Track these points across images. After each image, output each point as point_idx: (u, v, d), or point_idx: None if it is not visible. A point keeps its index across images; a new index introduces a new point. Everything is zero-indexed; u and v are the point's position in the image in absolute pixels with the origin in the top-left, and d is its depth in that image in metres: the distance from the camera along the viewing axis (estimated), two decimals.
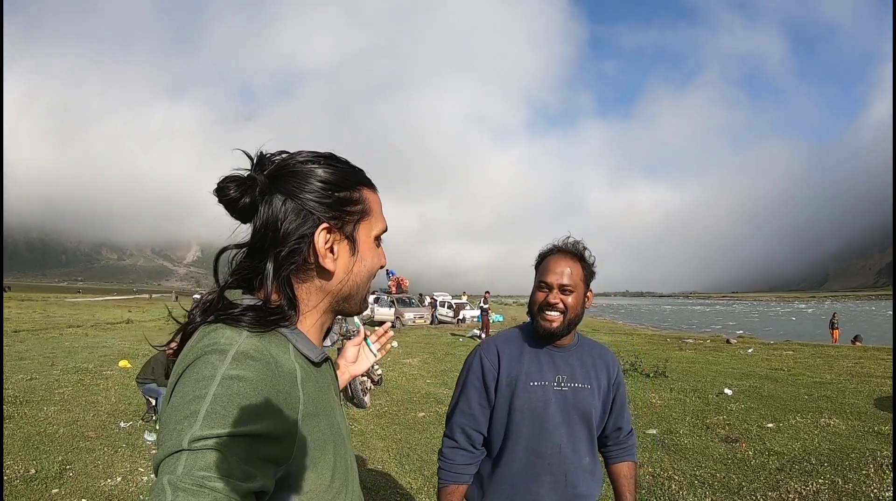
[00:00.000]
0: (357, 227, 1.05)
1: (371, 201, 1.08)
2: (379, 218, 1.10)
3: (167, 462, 0.76)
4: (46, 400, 8.44)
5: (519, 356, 2.05)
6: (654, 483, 5.31)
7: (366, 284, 1.09)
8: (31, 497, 4.81)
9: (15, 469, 5.36)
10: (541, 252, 2.10)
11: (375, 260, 1.09)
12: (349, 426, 1.17)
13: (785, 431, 7.03)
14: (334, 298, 1.06)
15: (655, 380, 11.09)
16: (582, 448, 2.05)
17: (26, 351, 14.20)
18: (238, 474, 0.76)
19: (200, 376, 0.83)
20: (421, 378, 11.60)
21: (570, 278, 1.98)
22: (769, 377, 11.34)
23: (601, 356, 2.14)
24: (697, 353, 16.32)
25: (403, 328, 26.60)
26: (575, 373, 2.04)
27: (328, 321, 1.10)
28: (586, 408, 2.03)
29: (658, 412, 8.25)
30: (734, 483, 5.26)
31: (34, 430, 6.76)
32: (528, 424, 2.00)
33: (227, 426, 0.78)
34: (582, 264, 2.03)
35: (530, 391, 2.00)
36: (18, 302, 44.16)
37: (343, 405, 1.21)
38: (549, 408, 1.99)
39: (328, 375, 1.10)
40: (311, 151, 1.05)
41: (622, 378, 2.19)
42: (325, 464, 0.96)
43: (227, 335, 0.89)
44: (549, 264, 2.02)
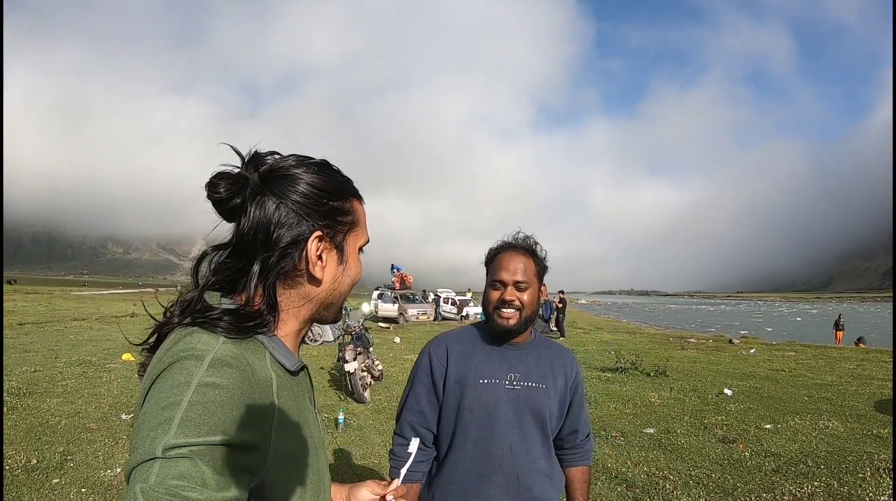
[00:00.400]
0: (346, 237, 1.06)
1: (359, 213, 1.09)
2: (364, 230, 1.11)
3: (140, 469, 0.75)
4: (49, 392, 8.49)
5: (470, 354, 2.02)
6: (649, 482, 5.33)
7: (347, 293, 1.10)
8: (31, 486, 4.85)
9: (17, 460, 5.41)
10: (491, 249, 2.08)
11: (358, 271, 1.10)
12: (322, 434, 1.16)
13: (783, 432, 7.04)
14: (316, 306, 1.05)
15: (656, 379, 11.10)
16: (536, 449, 1.99)
17: (31, 344, 14.26)
18: (212, 484, 0.75)
19: (175, 382, 0.81)
20: None
21: (524, 274, 1.96)
22: (770, 378, 11.35)
23: (559, 357, 2.09)
24: (699, 353, 16.33)
25: (407, 324, 26.63)
26: (529, 372, 2.00)
27: (306, 329, 1.09)
28: (540, 408, 1.97)
29: (657, 412, 8.27)
30: (729, 484, 5.28)
31: (36, 421, 6.81)
32: (477, 423, 1.96)
33: (202, 434, 0.76)
34: (534, 259, 2.01)
35: (480, 389, 1.96)
36: (24, 295, 44.30)
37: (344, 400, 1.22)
38: (499, 406, 1.95)
39: (304, 384, 1.08)
40: (304, 156, 1.04)
41: (581, 380, 2.14)
42: (298, 474, 0.95)
43: (203, 340, 0.88)
44: (501, 262, 1.99)
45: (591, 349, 17.28)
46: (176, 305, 0.99)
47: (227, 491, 0.76)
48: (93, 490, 4.84)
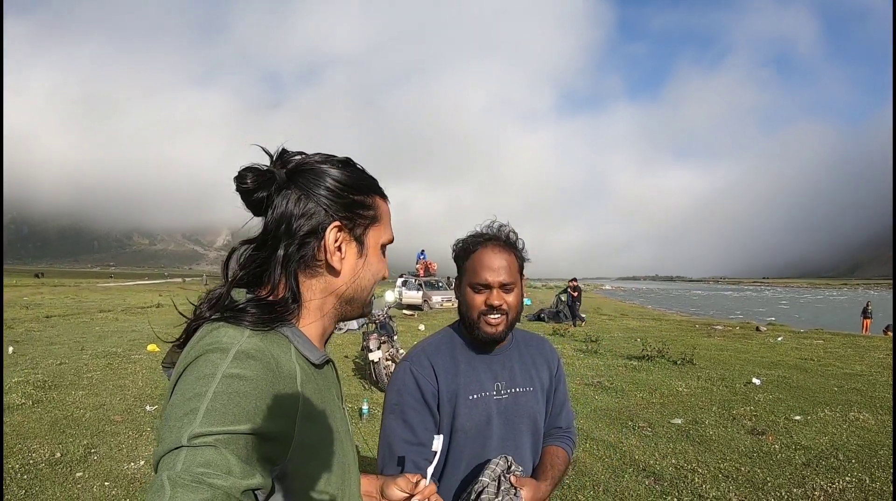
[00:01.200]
0: (367, 231, 1.07)
1: (382, 210, 1.11)
2: (387, 228, 1.12)
3: (167, 458, 0.76)
4: (75, 385, 8.58)
5: (454, 367, 1.78)
6: (678, 475, 5.23)
7: (369, 288, 1.10)
8: (55, 480, 4.88)
9: (41, 453, 5.45)
10: (464, 243, 1.79)
11: (380, 267, 1.11)
12: (349, 427, 1.15)
13: (813, 424, 6.90)
14: (338, 299, 1.07)
15: (682, 368, 10.99)
16: (526, 456, 1.81)
17: (57, 336, 14.45)
18: (237, 471, 0.77)
19: (201, 373, 0.83)
20: None
21: (508, 273, 1.72)
22: (798, 367, 11.16)
23: (540, 351, 1.92)
24: (726, 340, 16.14)
25: (431, 312, 26.68)
26: (514, 376, 1.82)
27: (331, 325, 1.10)
28: (531, 413, 1.82)
29: (684, 401, 8.16)
30: (759, 478, 5.16)
31: (61, 414, 6.87)
32: (470, 443, 1.75)
33: (226, 423, 0.78)
34: (516, 254, 1.77)
35: (471, 406, 1.75)
36: (51, 288, 44.99)
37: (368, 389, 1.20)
38: (491, 423, 1.76)
39: (329, 377, 1.09)
40: (328, 155, 1.07)
41: (563, 372, 1.98)
42: (321, 466, 0.96)
43: (229, 334, 0.90)
44: (483, 259, 1.73)
45: (617, 336, 17.15)
46: (205, 301, 1.02)
47: (252, 479, 0.79)
48: (116, 484, 4.86)
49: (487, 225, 1.80)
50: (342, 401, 1.16)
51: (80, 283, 62.15)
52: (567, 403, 1.99)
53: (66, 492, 4.66)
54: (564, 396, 1.97)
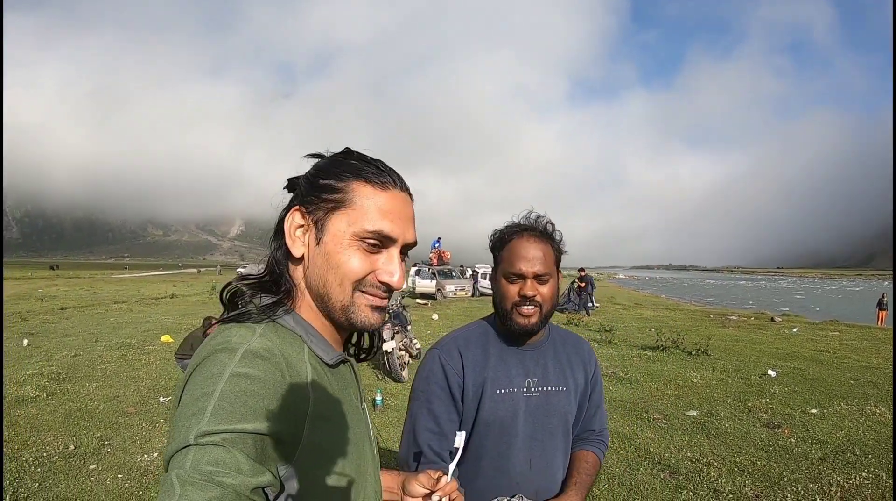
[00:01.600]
0: (329, 216, 0.97)
1: (358, 194, 0.97)
2: (368, 216, 0.97)
3: (176, 457, 0.76)
4: (89, 376, 8.62)
5: (484, 360, 1.75)
6: (693, 468, 5.19)
7: (333, 282, 0.97)
8: (68, 473, 4.90)
9: (54, 446, 5.47)
10: (502, 233, 1.76)
11: (345, 259, 0.96)
12: (373, 431, 1.15)
13: (829, 418, 6.83)
14: (312, 294, 1.00)
15: (697, 358, 10.92)
16: (557, 461, 1.76)
17: (71, 328, 14.55)
18: (246, 469, 0.76)
19: (209, 373, 0.83)
20: None
21: (544, 264, 1.67)
22: (814, 359, 11.08)
23: (577, 351, 1.85)
24: (741, 331, 16.06)
25: (445, 301, 26.73)
26: (548, 374, 1.76)
27: (334, 327, 1.03)
28: (562, 414, 1.76)
29: (699, 393, 8.11)
30: (775, 473, 5.10)
31: (75, 406, 6.91)
32: (493, 438, 1.71)
33: (234, 422, 0.78)
34: (553, 245, 1.72)
35: (497, 400, 1.71)
36: (66, 280, 45.41)
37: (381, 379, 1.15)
38: (517, 420, 1.71)
39: (346, 378, 1.07)
40: (346, 149, 1.04)
41: (599, 375, 1.90)
42: (333, 468, 0.94)
43: (239, 334, 0.90)
44: (518, 250, 1.69)
45: (631, 326, 17.10)
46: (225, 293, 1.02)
47: (262, 477, 0.78)
48: (129, 476, 4.87)
49: (524, 216, 1.75)
50: (361, 401, 1.13)
51: (94, 274, 62.72)
52: (602, 406, 1.92)
53: (80, 485, 4.67)
54: (600, 399, 1.89)
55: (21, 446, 5.46)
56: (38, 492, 4.52)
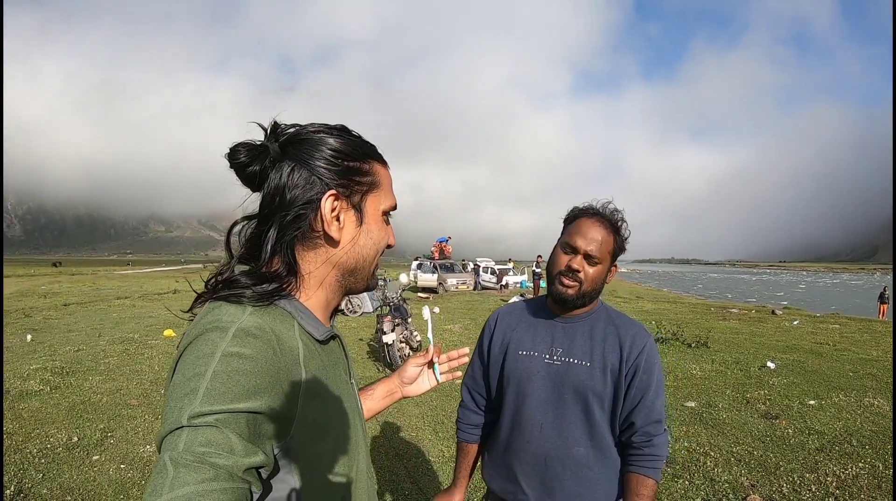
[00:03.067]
0: (365, 198, 1.04)
1: (381, 175, 1.07)
2: (388, 193, 1.09)
3: (168, 439, 0.77)
4: (92, 370, 8.67)
5: (515, 324, 1.95)
6: (690, 458, 5.23)
7: (372, 258, 1.07)
8: (72, 463, 4.95)
9: (58, 438, 5.52)
10: (575, 208, 1.89)
11: (382, 235, 1.08)
12: (360, 405, 1.17)
13: (827, 409, 6.86)
14: (340, 271, 1.05)
15: (697, 350, 10.96)
16: (572, 434, 1.80)
17: (75, 323, 14.61)
18: (239, 450, 0.77)
19: (201, 353, 0.83)
20: (461, 345, 11.53)
21: (598, 247, 1.77)
22: (814, 352, 11.11)
23: (619, 332, 1.85)
24: (742, 323, 16.09)
25: (446, 294, 26.76)
26: (573, 347, 1.83)
27: (335, 299, 1.09)
28: (580, 387, 1.79)
29: (698, 384, 8.14)
30: (771, 463, 5.15)
31: (78, 399, 6.96)
32: (512, 395, 1.88)
33: (226, 402, 0.78)
34: (615, 236, 1.82)
35: (517, 360, 1.87)
36: (69, 276, 45.48)
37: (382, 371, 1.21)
38: (533, 381, 1.83)
39: (335, 353, 1.09)
40: (323, 123, 1.04)
41: (649, 363, 1.83)
42: (327, 444, 0.95)
43: (229, 312, 0.89)
44: (580, 226, 1.81)
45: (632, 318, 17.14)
46: (213, 277, 1.03)
47: (255, 457, 0.79)
48: (132, 466, 4.92)
49: (603, 203, 1.86)
50: (350, 376, 1.15)
51: (97, 271, 62.81)
52: (648, 399, 1.81)
53: (83, 475, 4.72)
54: (644, 390, 1.81)
55: (25, 438, 5.51)
56: (42, 482, 4.57)
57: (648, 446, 1.79)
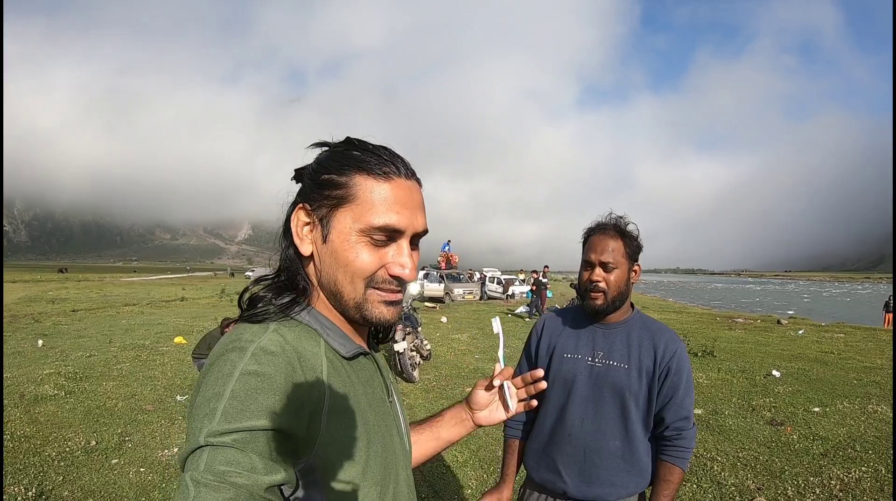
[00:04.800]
0: (334, 212, 0.95)
1: (361, 188, 0.94)
2: (371, 210, 0.94)
3: (190, 459, 0.77)
4: (105, 376, 8.78)
5: (561, 330, 2.16)
6: (697, 463, 5.31)
7: (343, 280, 0.96)
8: (91, 467, 5.05)
9: (76, 442, 5.63)
10: (587, 230, 2.11)
11: (352, 255, 0.95)
12: (405, 425, 1.18)
13: (831, 416, 6.93)
14: (325, 292, 1.00)
15: (703, 359, 11.02)
16: (609, 428, 2.00)
17: (84, 330, 14.74)
18: (260, 468, 0.76)
19: (220, 373, 0.83)
20: (469, 354, 11.68)
21: (611, 255, 1.98)
22: (819, 360, 11.15)
23: (653, 337, 2.04)
24: (747, 333, 16.10)
25: (453, 304, 26.76)
26: (612, 351, 2.03)
27: (355, 318, 1.01)
28: (617, 387, 1.99)
29: (704, 393, 8.20)
30: (776, 467, 5.23)
31: (94, 404, 7.07)
32: (558, 393, 2.08)
33: (244, 420, 0.78)
34: (624, 239, 2.02)
35: (562, 362, 2.09)
36: (76, 283, 45.65)
37: (393, 380, 1.17)
38: (577, 380, 2.04)
39: (367, 370, 1.06)
40: (347, 138, 1.02)
41: (679, 365, 2.00)
42: (354, 461, 0.93)
43: (251, 331, 0.90)
44: (591, 243, 2.04)
45: None
46: (243, 297, 1.02)
47: (276, 475, 0.78)
48: (151, 469, 5.02)
49: (606, 216, 2.08)
50: (389, 394, 1.12)
51: (103, 277, 62.95)
52: (678, 397, 1.99)
53: (103, 478, 4.83)
54: (674, 390, 1.98)
55: (43, 441, 5.63)
56: (62, 485, 4.68)
57: (678, 438, 2.01)
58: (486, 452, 5.46)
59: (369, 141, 1.01)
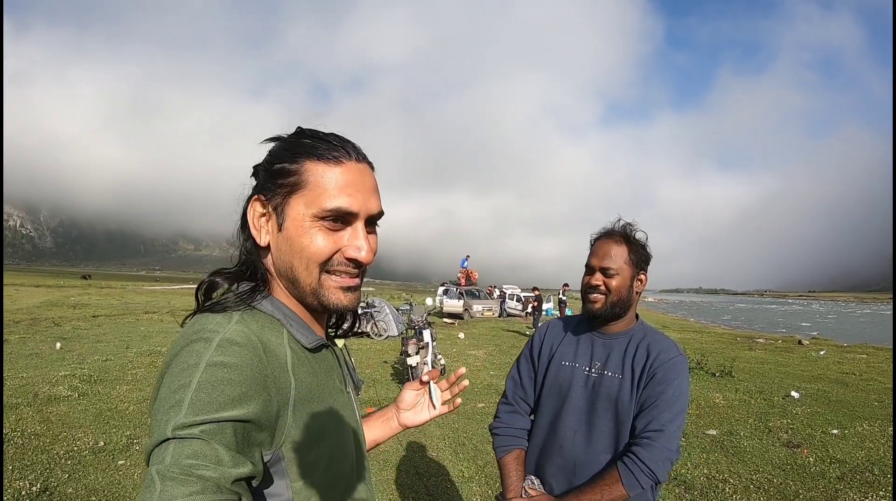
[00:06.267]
0: (287, 200, 0.96)
1: (312, 174, 0.95)
2: (322, 194, 0.95)
3: (156, 452, 0.76)
4: (119, 380, 8.84)
5: (561, 337, 2.13)
6: (709, 485, 5.20)
7: (299, 266, 0.97)
8: (98, 466, 5.09)
9: (85, 442, 5.67)
10: (591, 236, 2.10)
11: (305, 241, 0.95)
12: (359, 414, 1.17)
13: (850, 438, 6.77)
14: (283, 281, 1.01)
15: (721, 380, 10.84)
16: (601, 442, 1.92)
17: (103, 335, 14.89)
18: (227, 460, 0.76)
19: (185, 364, 0.82)
20: (484, 370, 11.62)
21: (612, 260, 1.95)
22: (839, 381, 10.94)
23: (649, 347, 1.95)
24: (767, 353, 15.87)
25: (471, 320, 26.74)
26: (609, 361, 1.97)
27: (313, 306, 1.02)
28: (612, 398, 1.91)
29: (720, 413, 8.07)
30: (790, 490, 5.10)
31: (105, 406, 7.12)
32: (552, 400, 2.05)
33: (211, 412, 0.77)
34: (629, 246, 1.98)
35: (559, 370, 2.05)
36: (98, 289, 46.16)
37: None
38: (573, 389, 1.99)
39: (328, 361, 1.07)
40: (298, 129, 1.03)
41: (668, 373, 1.87)
42: (320, 451, 0.94)
43: (215, 321, 0.90)
44: (594, 248, 2.02)
45: None
46: (200, 288, 1.03)
47: (243, 467, 0.78)
48: None
49: (614, 223, 2.05)
50: (346, 385, 1.13)
51: (126, 285, 63.68)
52: (656, 407, 1.83)
53: (108, 478, 4.84)
54: (655, 397, 1.85)
55: (52, 440, 5.67)
56: (67, 482, 4.71)
57: (640, 448, 1.80)
58: (492, 468, 5.38)
59: (320, 130, 1.02)
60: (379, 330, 16.72)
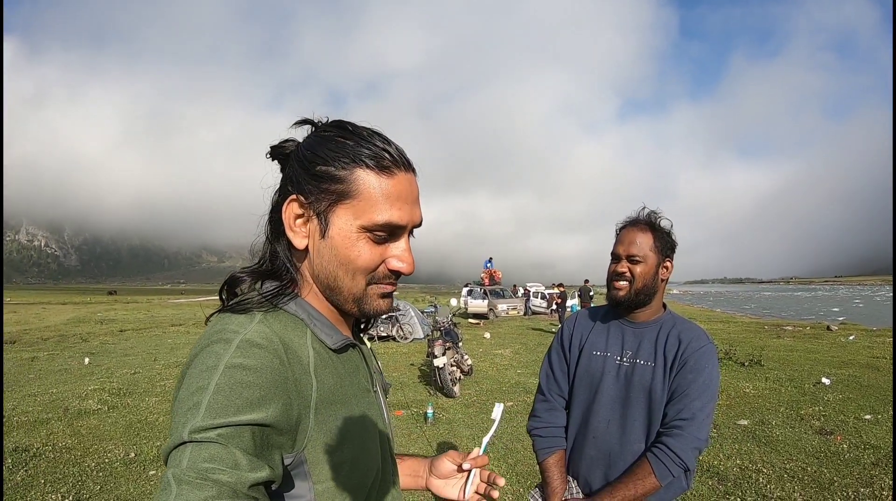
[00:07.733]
0: (333, 208, 0.92)
1: (363, 184, 0.91)
2: (374, 206, 0.91)
3: (173, 455, 0.75)
4: (148, 392, 8.92)
5: (590, 327, 2.12)
6: (742, 475, 5.14)
7: (344, 276, 0.94)
8: (129, 477, 5.13)
9: (116, 453, 5.73)
10: (620, 224, 2.08)
11: (351, 253, 0.92)
12: (387, 416, 1.14)
13: (883, 423, 6.67)
14: (319, 284, 0.98)
15: (750, 369, 10.75)
16: (634, 431, 1.91)
17: (131, 348, 15.05)
18: (244, 464, 0.74)
19: (205, 366, 0.81)
20: (511, 368, 11.59)
21: (637, 247, 1.95)
22: (870, 366, 10.80)
23: (680, 335, 1.96)
24: (796, 341, 15.70)
25: (497, 320, 26.74)
26: (641, 349, 1.97)
27: (345, 308, 1.00)
28: (645, 386, 1.91)
29: (751, 403, 7.98)
30: (825, 478, 5.03)
31: (135, 418, 7.19)
32: (584, 391, 2.04)
33: (229, 415, 0.76)
34: (654, 233, 1.98)
35: (591, 360, 2.04)
36: (124, 304, 46.69)
37: (433, 395, 1.12)
38: (605, 379, 1.98)
39: (353, 361, 1.04)
40: (334, 121, 0.98)
41: (700, 361, 1.88)
42: (344, 453, 0.91)
43: (237, 322, 0.88)
44: (620, 236, 2.02)
45: None
46: (223, 288, 1.02)
47: (261, 471, 0.76)
48: None
49: (639, 211, 2.05)
50: (373, 385, 1.09)
51: (151, 299, 64.33)
52: (687, 395, 1.85)
53: (140, 489, 4.88)
54: (686, 386, 1.86)
55: (83, 453, 5.74)
56: (99, 494, 4.76)
57: (669, 437, 1.83)
58: (523, 466, 5.36)
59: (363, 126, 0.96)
60: (405, 333, 16.76)
